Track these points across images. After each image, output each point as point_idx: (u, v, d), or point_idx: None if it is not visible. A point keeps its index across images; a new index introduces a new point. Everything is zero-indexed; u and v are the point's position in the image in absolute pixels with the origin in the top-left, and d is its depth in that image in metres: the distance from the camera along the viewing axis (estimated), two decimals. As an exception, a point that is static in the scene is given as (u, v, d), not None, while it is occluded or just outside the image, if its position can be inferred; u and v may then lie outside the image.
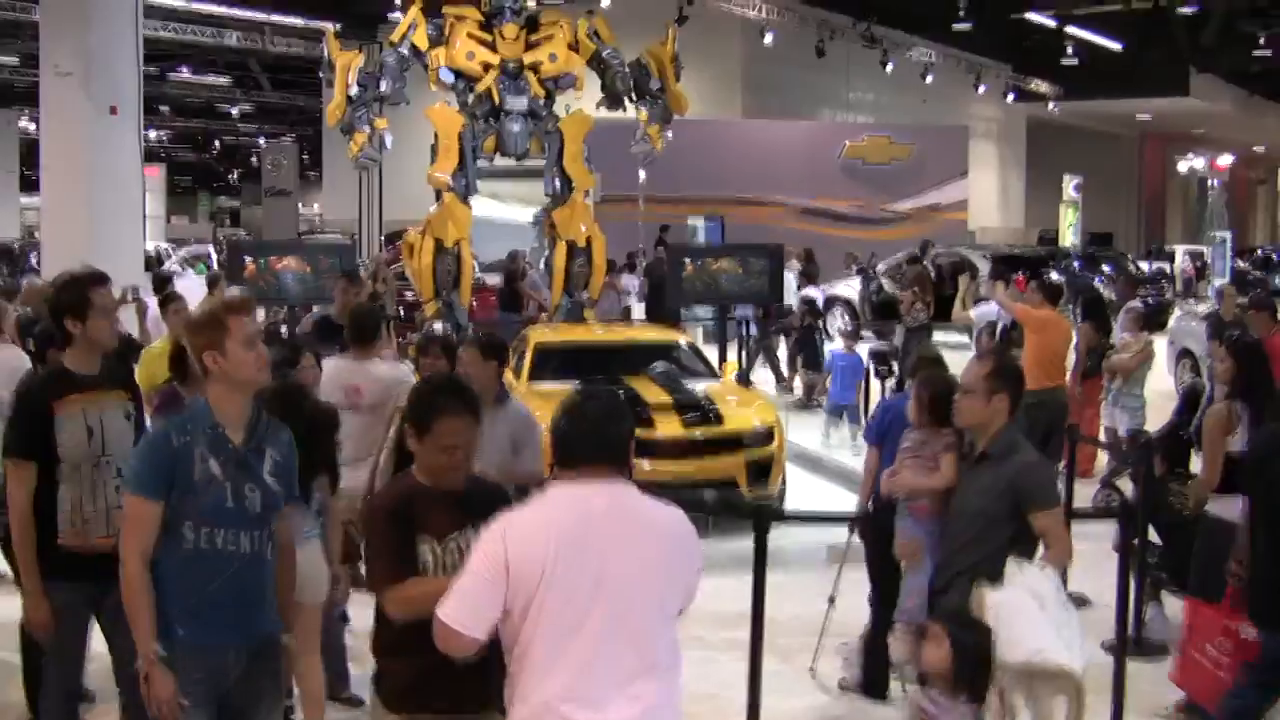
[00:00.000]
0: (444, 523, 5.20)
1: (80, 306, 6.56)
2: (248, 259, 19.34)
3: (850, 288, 32.15)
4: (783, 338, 24.82)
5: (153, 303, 17.13)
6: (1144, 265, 45.02)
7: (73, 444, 6.43)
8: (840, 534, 10.04)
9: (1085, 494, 13.62)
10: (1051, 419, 13.53)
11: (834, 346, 20.34)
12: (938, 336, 20.43)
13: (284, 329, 18.04)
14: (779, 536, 9.66)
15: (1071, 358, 15.28)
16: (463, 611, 4.53)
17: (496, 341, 8.85)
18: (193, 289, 27.27)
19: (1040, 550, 6.42)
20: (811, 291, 26.11)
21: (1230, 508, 8.34)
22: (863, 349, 19.64)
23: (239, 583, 5.53)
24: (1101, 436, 15.00)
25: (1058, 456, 13.52)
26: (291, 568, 6.11)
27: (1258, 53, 46.91)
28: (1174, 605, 9.78)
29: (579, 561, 4.51)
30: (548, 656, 4.50)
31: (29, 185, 53.53)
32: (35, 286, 16.08)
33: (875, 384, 18.63)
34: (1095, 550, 9.62)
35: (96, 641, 6.94)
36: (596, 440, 4.71)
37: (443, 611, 4.54)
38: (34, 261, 34.82)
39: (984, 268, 29.65)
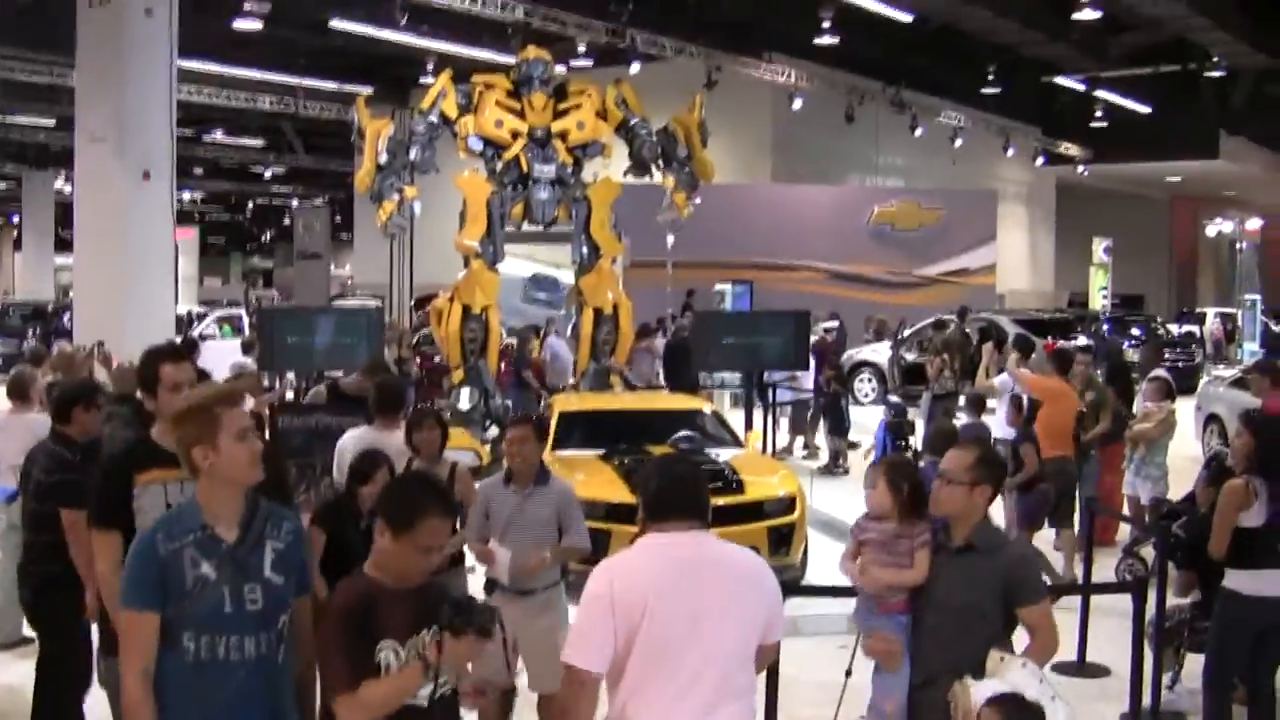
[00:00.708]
0: (406, 623, 5.12)
1: (152, 382, 6.62)
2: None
3: (876, 352, 32.17)
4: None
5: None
6: (1174, 328, 44.98)
7: (151, 517, 5.87)
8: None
9: (1105, 563, 13.66)
10: (1060, 487, 13.99)
11: (881, 416, 20.32)
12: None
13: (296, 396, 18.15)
14: (799, 605, 9.72)
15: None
16: (588, 652, 5.10)
17: (545, 421, 8.91)
18: (224, 352, 27.56)
19: (1019, 641, 6.22)
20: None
21: (1245, 582, 8.37)
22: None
23: (249, 692, 5.03)
24: (1124, 506, 15.01)
25: (1068, 523, 13.83)
26: (311, 662, 5.37)
27: (1287, 115, 46.96)
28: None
29: (676, 601, 5.11)
30: (648, 684, 5.09)
31: (64, 245, 53.97)
32: (65, 352, 16.21)
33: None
34: (1116, 620, 9.67)
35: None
36: (687, 499, 5.38)
37: (570, 657, 5.11)
38: (65, 322, 35.11)
39: (1012, 333, 29.65)
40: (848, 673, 9.23)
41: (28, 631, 11.45)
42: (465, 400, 18.84)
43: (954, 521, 6.26)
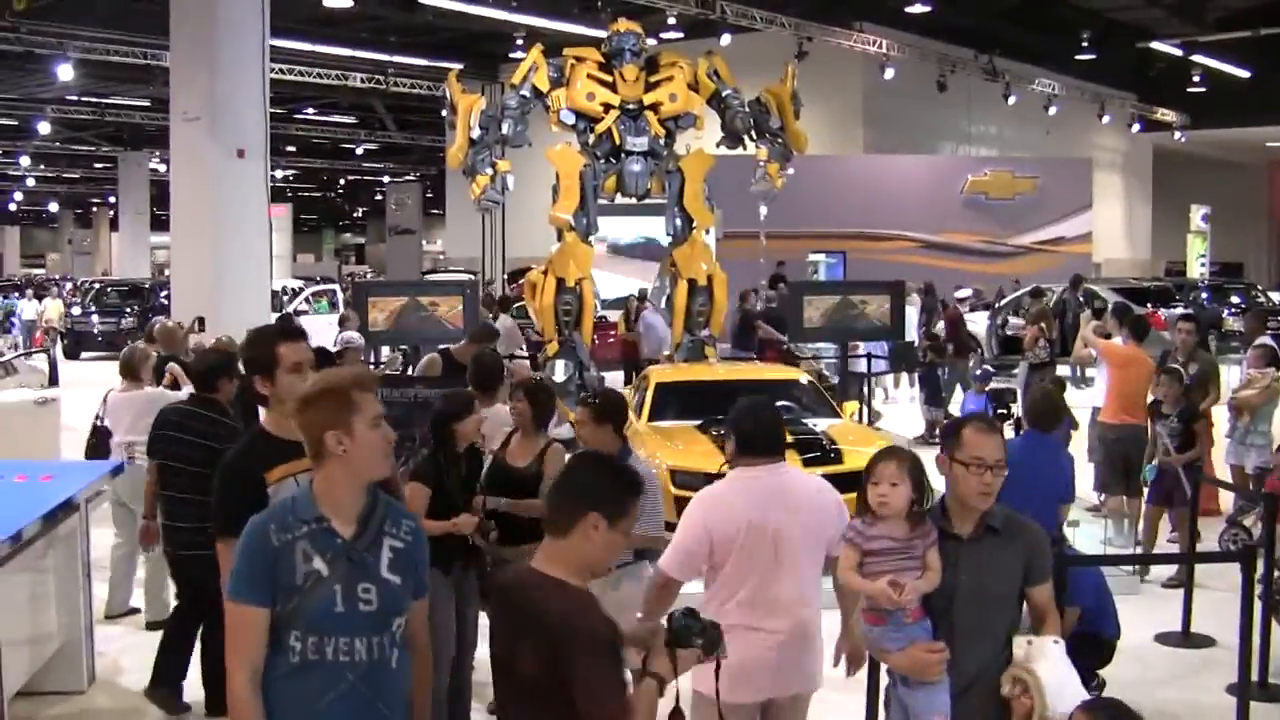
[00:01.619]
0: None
1: (269, 364, 6.06)
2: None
3: (973, 322, 32.00)
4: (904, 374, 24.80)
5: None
6: (1275, 296, 44.42)
7: None
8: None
9: (1209, 534, 13.52)
10: (1129, 454, 13.98)
11: (969, 390, 20.21)
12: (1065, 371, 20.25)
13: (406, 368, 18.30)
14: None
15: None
16: (680, 565, 6.42)
17: (612, 402, 8.45)
18: (319, 328, 27.78)
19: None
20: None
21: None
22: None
23: (357, 698, 4.68)
24: (1228, 475, 14.83)
25: (1138, 492, 13.86)
26: (427, 670, 5.17)
27: (1389, 78, 46.21)
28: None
29: (763, 526, 6.34)
30: (742, 589, 6.34)
31: (160, 225, 54.63)
32: (167, 327, 16.36)
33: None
34: (1222, 591, 9.56)
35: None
36: (769, 438, 6.63)
37: (663, 564, 6.45)
38: (163, 299, 35.52)
39: (1111, 301, 29.37)
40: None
41: (135, 602, 11.70)
42: (561, 372, 18.88)
43: (959, 508, 5.60)
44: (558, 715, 4.40)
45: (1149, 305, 31.41)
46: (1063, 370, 21.99)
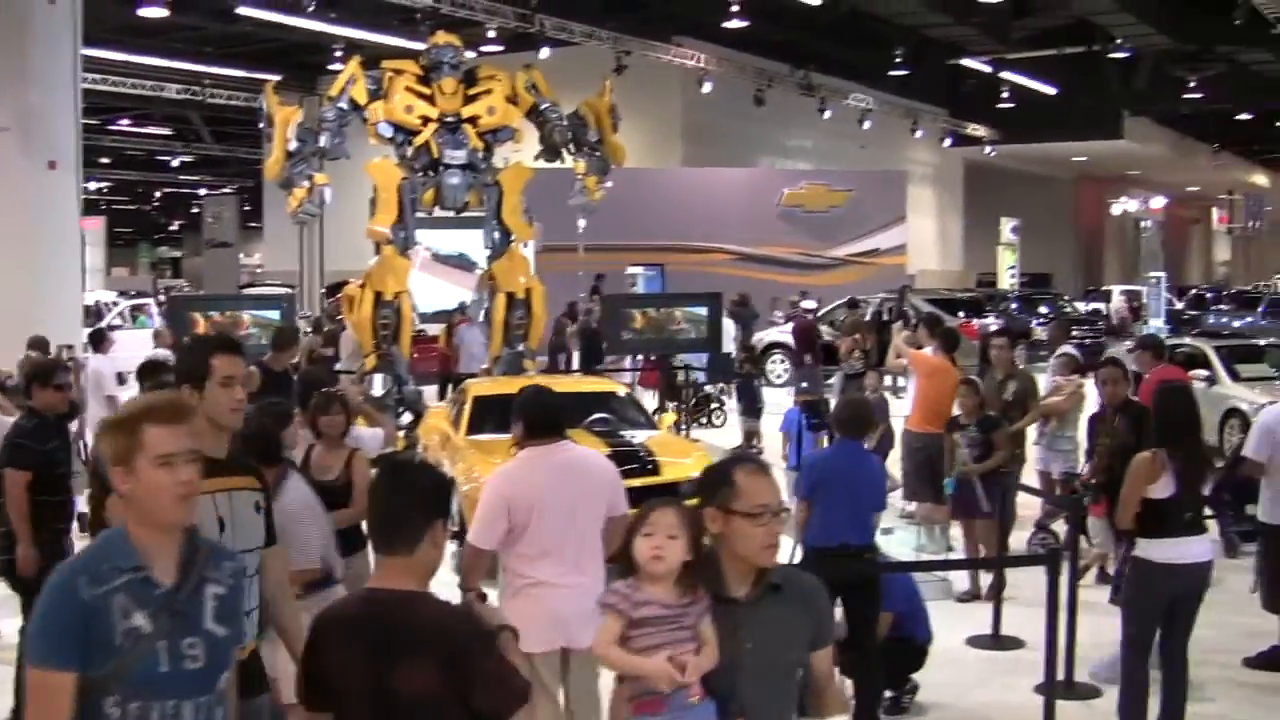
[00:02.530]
0: None
1: (200, 375, 5.59)
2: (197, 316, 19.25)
3: (787, 333, 32.35)
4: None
5: (93, 359, 17.17)
6: (1081, 306, 45.54)
7: (202, 534, 5.00)
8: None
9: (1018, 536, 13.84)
10: (935, 462, 14.09)
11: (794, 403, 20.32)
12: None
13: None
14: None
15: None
16: (487, 536, 7.11)
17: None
18: (136, 343, 27.32)
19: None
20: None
21: (1155, 550, 8.51)
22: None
23: None
24: (1035, 480, 15.15)
25: (930, 498, 14.32)
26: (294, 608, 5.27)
27: (1188, 95, 47.67)
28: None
29: (557, 495, 7.14)
30: (539, 553, 7.13)
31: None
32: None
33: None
34: (1030, 594, 9.80)
35: None
36: (553, 420, 7.46)
37: (473, 539, 7.12)
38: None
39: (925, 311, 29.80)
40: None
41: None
42: (379, 386, 18.81)
43: (738, 566, 4.74)
44: None
45: (962, 315, 32.01)
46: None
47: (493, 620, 5.00)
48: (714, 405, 24.58)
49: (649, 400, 21.93)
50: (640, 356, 23.41)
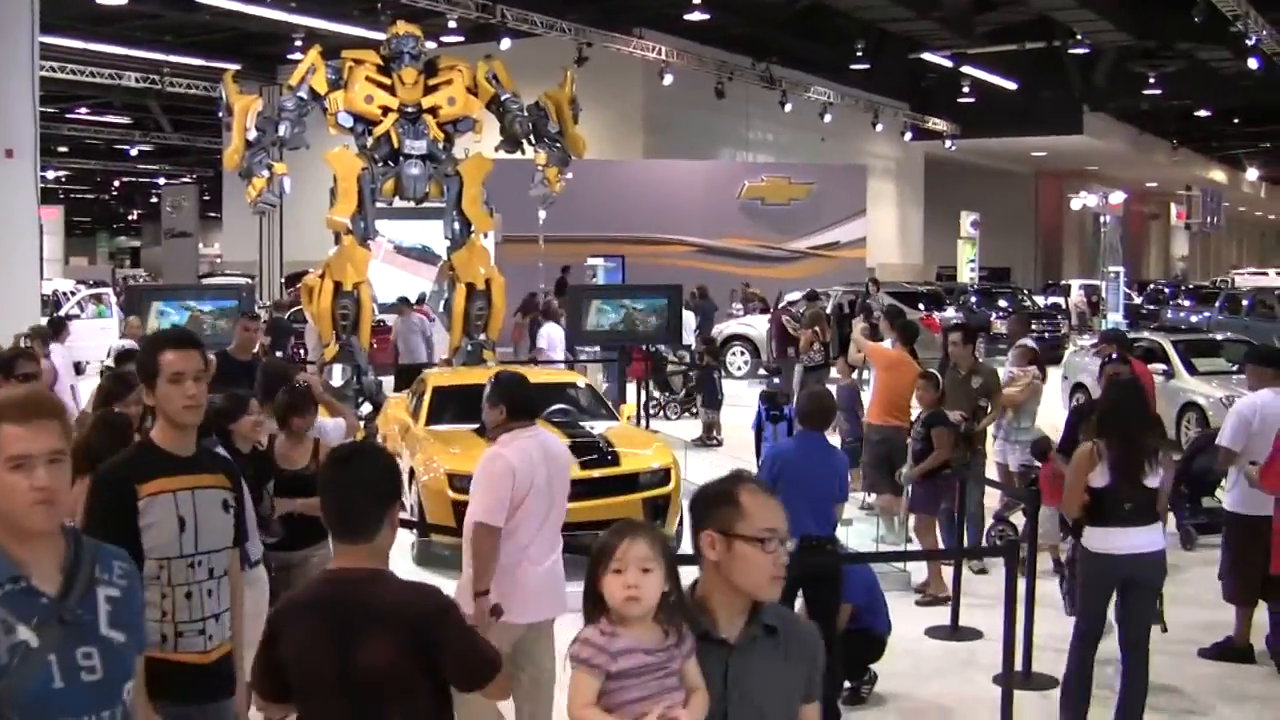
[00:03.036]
0: None
1: (152, 372, 5.42)
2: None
3: (749, 325, 32.39)
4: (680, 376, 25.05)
5: (57, 353, 17.07)
6: (1040, 300, 45.72)
7: (161, 538, 5.24)
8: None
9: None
10: (893, 454, 14.27)
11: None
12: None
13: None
14: (675, 576, 9.79)
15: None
16: (495, 513, 7.39)
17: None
18: (93, 332, 27.17)
19: None
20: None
21: (1097, 539, 8.57)
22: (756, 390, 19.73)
23: None
24: (993, 472, 15.21)
25: (890, 489, 14.39)
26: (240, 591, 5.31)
27: (1148, 92, 47.93)
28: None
29: (543, 475, 7.60)
30: (526, 532, 7.55)
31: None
32: None
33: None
34: (988, 585, 9.81)
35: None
36: (533, 403, 8.09)
37: (484, 517, 7.38)
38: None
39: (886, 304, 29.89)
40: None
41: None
42: (338, 377, 18.74)
43: (731, 600, 4.15)
44: (421, 701, 4.35)
45: (922, 309, 32.12)
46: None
47: (500, 646, 4.98)
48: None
49: (632, 392, 21.98)
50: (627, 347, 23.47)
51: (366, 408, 18.88)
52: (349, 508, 4.41)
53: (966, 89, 48.12)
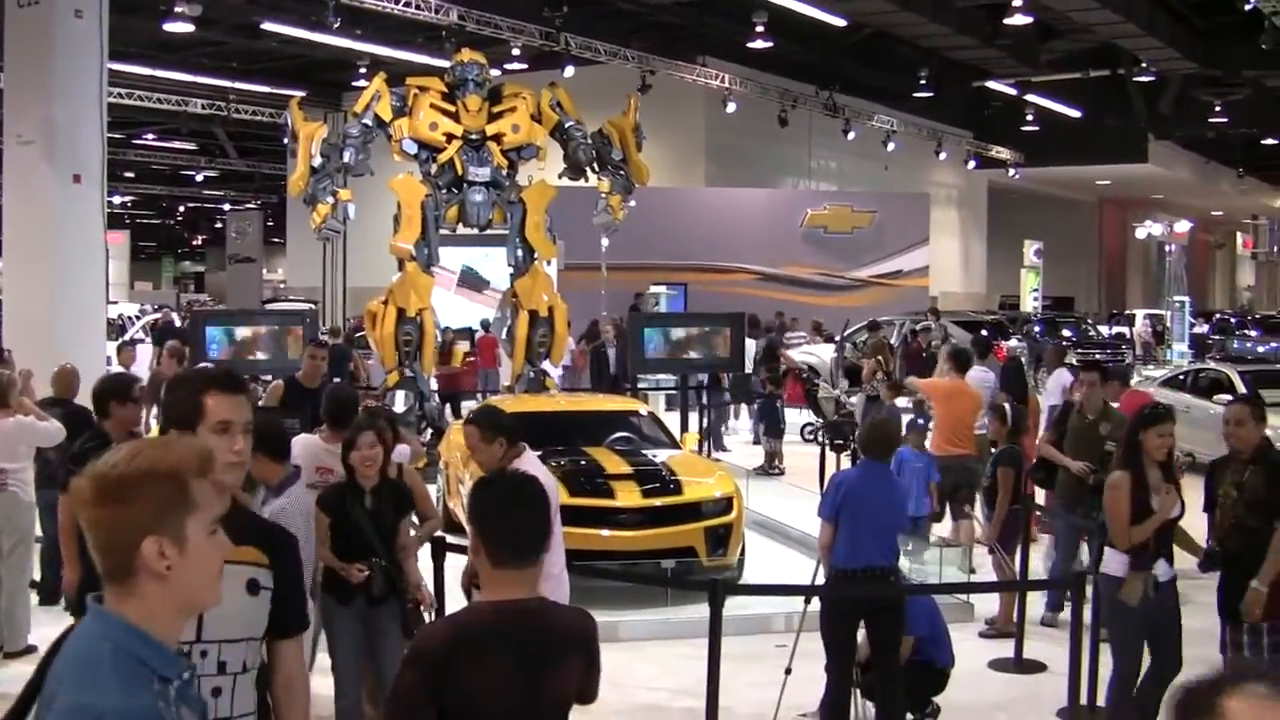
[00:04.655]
0: None
1: (190, 417, 4.40)
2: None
3: (812, 354, 32.28)
4: (744, 405, 24.97)
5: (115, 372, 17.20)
6: (1104, 329, 45.44)
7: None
8: (797, 602, 10.08)
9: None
10: (957, 483, 14.41)
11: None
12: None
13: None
14: (738, 605, 9.77)
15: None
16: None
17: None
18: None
19: None
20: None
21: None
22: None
23: None
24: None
25: (960, 515, 14.55)
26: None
27: (1214, 120, 47.58)
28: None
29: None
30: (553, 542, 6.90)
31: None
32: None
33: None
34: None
35: None
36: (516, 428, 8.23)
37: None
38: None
39: (960, 336, 29.66)
40: (787, 670, 9.32)
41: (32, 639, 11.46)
42: (400, 403, 18.78)
43: None
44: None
45: (987, 335, 31.94)
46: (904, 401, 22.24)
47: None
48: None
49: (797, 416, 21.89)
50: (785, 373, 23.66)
51: (429, 434, 18.92)
52: (523, 531, 4.40)
53: (1030, 117, 47.97)
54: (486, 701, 4.17)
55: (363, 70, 35.62)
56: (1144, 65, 43.09)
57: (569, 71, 32.56)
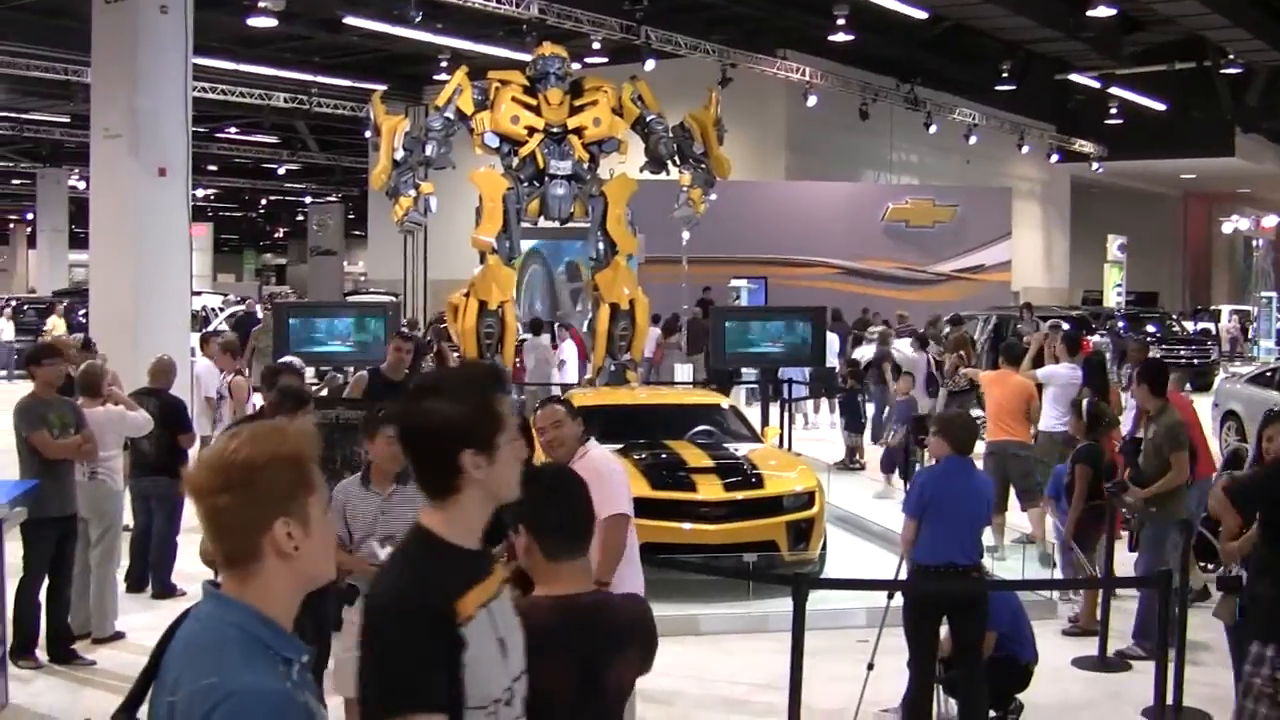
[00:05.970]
0: None
1: (488, 431, 3.70)
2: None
3: (896, 349, 32.08)
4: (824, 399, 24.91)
5: (199, 363, 17.42)
6: (1189, 325, 44.97)
7: (488, 675, 3.64)
8: (879, 597, 10.04)
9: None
10: (1007, 467, 14.76)
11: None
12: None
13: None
14: (819, 599, 9.74)
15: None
16: (629, 504, 7.89)
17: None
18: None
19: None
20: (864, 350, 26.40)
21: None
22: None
23: None
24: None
25: (1033, 502, 14.69)
26: None
27: (1303, 113, 47.00)
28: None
29: None
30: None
31: (78, 242, 54.03)
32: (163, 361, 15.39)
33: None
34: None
35: None
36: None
37: (625, 507, 7.74)
38: (80, 317, 35.01)
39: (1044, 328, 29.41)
40: (869, 665, 9.28)
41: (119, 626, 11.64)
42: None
43: None
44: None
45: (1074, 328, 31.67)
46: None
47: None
48: None
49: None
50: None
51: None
52: (575, 522, 4.43)
53: (1114, 110, 47.58)
54: (547, 695, 4.11)
55: (444, 64, 35.79)
56: (1231, 57, 42.69)
57: (649, 65, 32.56)
